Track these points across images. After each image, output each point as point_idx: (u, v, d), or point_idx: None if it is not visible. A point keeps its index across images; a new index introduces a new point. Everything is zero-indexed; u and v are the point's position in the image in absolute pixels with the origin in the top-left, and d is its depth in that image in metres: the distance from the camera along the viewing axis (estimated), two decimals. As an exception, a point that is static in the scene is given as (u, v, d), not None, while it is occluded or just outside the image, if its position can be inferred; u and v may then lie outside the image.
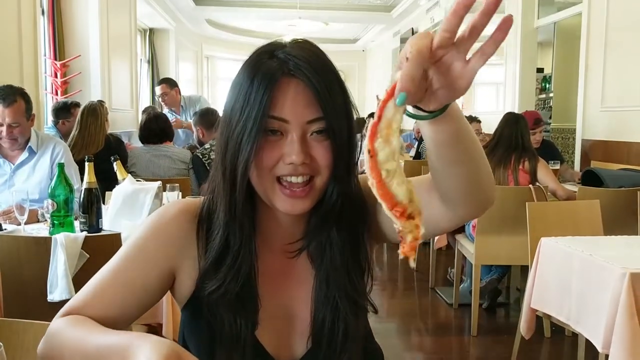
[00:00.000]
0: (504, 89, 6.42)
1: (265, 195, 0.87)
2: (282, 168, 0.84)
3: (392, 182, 0.59)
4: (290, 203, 0.85)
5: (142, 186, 2.37)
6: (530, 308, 2.32)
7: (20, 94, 2.67)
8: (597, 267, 1.95)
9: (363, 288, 0.93)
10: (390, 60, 11.56)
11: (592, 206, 2.73)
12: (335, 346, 0.90)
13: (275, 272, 0.94)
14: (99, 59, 5.74)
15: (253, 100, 0.83)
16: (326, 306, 0.90)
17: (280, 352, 0.92)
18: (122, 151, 3.65)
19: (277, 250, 0.94)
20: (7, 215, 2.42)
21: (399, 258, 0.64)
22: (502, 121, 3.55)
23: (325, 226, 0.90)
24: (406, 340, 3.39)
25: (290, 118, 0.83)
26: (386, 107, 0.59)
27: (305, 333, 0.92)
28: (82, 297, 0.89)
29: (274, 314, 0.92)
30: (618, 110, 4.26)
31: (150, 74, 8.85)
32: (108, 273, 0.90)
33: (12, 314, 1.93)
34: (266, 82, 0.82)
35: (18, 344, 1.09)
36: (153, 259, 0.90)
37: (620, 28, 4.24)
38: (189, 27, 10.59)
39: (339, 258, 0.90)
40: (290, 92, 0.83)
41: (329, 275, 0.91)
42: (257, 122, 0.82)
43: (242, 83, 0.85)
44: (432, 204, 0.85)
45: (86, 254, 1.97)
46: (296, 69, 0.83)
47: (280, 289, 0.94)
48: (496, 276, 3.68)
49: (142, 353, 0.70)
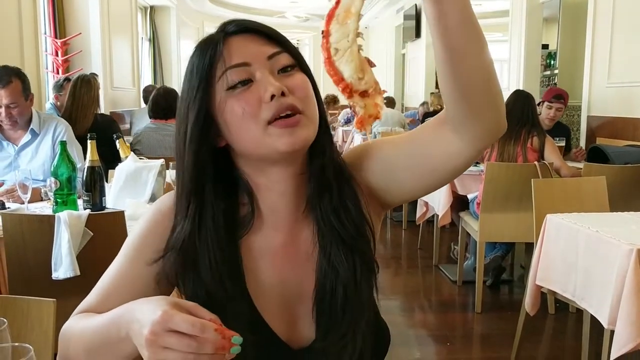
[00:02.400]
0: (509, 66, 6.36)
1: (262, 147, 0.82)
2: (267, 109, 0.80)
3: (340, 60, 0.63)
4: (289, 133, 0.80)
5: (145, 164, 2.36)
6: (535, 285, 2.32)
7: (15, 74, 2.62)
8: (604, 244, 1.94)
9: (369, 248, 0.90)
10: (394, 38, 11.46)
11: (598, 183, 2.71)
12: (336, 310, 0.86)
13: (280, 251, 0.90)
14: (99, 37, 5.70)
15: (196, 67, 0.83)
16: (328, 274, 0.87)
17: (292, 336, 0.89)
18: (115, 129, 3.52)
19: (281, 226, 0.90)
20: (11, 193, 2.42)
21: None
22: (511, 97, 3.52)
23: (325, 170, 0.87)
24: (410, 318, 3.40)
25: (250, 59, 0.82)
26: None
27: (310, 315, 0.88)
28: (91, 298, 0.89)
29: (284, 294, 0.89)
30: (625, 86, 4.21)
31: (151, 52, 8.79)
32: (113, 273, 0.89)
33: (17, 291, 1.94)
34: (207, 45, 0.84)
35: (22, 321, 1.09)
36: (149, 255, 0.88)
37: (628, 2, 4.17)
38: (190, 4, 10.48)
39: (343, 215, 0.87)
40: (239, 42, 0.83)
41: (331, 242, 0.87)
42: (203, 82, 0.82)
43: (188, 63, 0.86)
44: (443, 137, 0.83)
45: (90, 232, 1.96)
46: (236, 26, 0.85)
47: (286, 268, 0.90)
48: (500, 253, 3.68)
49: (143, 309, 0.69)
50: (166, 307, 0.67)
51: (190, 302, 0.70)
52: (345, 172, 0.90)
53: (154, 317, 0.66)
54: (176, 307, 0.68)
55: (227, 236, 0.87)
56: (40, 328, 1.08)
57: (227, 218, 0.87)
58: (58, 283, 1.90)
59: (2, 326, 0.78)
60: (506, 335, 2.87)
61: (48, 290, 1.79)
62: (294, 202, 0.89)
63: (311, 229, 0.90)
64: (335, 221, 0.87)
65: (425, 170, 0.88)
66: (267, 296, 0.88)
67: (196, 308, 0.69)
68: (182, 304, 0.69)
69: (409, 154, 0.89)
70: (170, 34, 9.27)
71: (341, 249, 0.87)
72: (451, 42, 0.73)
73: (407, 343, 2.98)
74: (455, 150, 0.84)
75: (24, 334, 1.07)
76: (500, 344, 2.92)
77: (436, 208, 3.80)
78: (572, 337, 3.04)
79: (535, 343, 2.98)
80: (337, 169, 0.89)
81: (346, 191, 0.89)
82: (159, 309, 0.66)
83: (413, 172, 0.89)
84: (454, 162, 0.86)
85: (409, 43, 10.36)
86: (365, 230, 0.89)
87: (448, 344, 2.99)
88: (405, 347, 2.93)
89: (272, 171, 0.87)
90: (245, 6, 11.81)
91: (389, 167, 0.90)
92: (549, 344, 3.05)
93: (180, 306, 0.68)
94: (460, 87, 0.77)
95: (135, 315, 0.69)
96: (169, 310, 0.66)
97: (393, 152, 0.90)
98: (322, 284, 0.87)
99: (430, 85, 9.30)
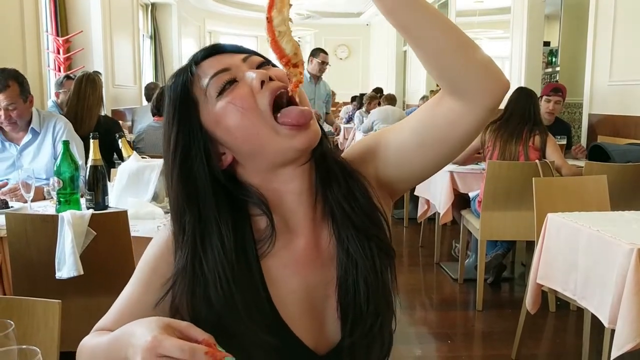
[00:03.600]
0: (510, 63, 6.35)
1: (273, 148, 0.81)
2: (262, 96, 0.81)
3: (282, 40, 0.78)
4: (302, 134, 0.81)
5: (147, 163, 2.37)
6: (536, 283, 2.32)
7: (13, 77, 2.61)
8: (604, 243, 1.95)
9: (384, 234, 0.90)
10: (395, 35, 11.43)
11: (599, 181, 2.71)
12: (360, 304, 0.85)
13: (302, 255, 0.88)
14: (101, 35, 5.71)
15: (171, 94, 0.85)
16: (349, 269, 0.85)
17: (318, 341, 0.87)
18: (118, 130, 3.46)
19: (301, 230, 0.88)
20: (14, 192, 2.42)
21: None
22: (514, 94, 3.52)
23: (329, 166, 0.88)
24: (411, 315, 3.41)
25: (227, 66, 0.84)
26: None
27: (335, 318, 0.86)
28: (107, 318, 0.88)
29: (309, 299, 0.87)
30: (626, 84, 4.21)
31: (152, 49, 8.78)
32: (126, 295, 0.88)
33: (21, 290, 1.95)
34: (180, 72, 0.86)
35: (28, 322, 1.10)
36: (162, 280, 0.85)
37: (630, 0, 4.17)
38: (191, 1, 10.47)
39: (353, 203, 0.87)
40: (211, 61, 0.85)
41: (347, 231, 0.86)
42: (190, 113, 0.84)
43: (165, 120, 0.87)
44: (444, 106, 0.83)
45: (93, 232, 1.97)
46: (207, 51, 0.87)
47: (310, 271, 0.88)
48: (501, 251, 3.69)
49: (136, 333, 0.69)
50: (156, 332, 0.67)
51: (183, 322, 0.70)
52: (347, 166, 0.90)
53: (144, 343, 0.66)
54: (168, 329, 0.68)
55: (243, 253, 0.84)
56: (46, 329, 1.09)
57: (239, 234, 0.84)
58: (61, 282, 1.90)
59: (9, 329, 0.78)
60: (507, 333, 2.88)
61: (52, 290, 1.80)
62: (309, 201, 0.88)
63: (329, 225, 0.89)
64: (347, 208, 0.87)
65: (436, 143, 0.86)
66: (293, 304, 0.86)
67: (189, 328, 0.70)
68: (174, 325, 0.70)
69: (416, 132, 0.87)
70: (171, 31, 9.27)
71: (356, 237, 0.86)
72: (397, 21, 0.78)
73: (408, 340, 2.99)
74: (458, 116, 0.82)
75: (30, 334, 1.08)
76: (501, 341, 2.93)
77: (437, 206, 3.81)
78: (572, 335, 3.05)
79: (536, 341, 2.99)
80: (337, 161, 0.90)
81: (351, 183, 0.89)
82: (149, 334, 0.67)
83: (424, 150, 0.88)
84: (462, 127, 0.83)
85: (410, 40, 10.33)
86: (378, 218, 0.90)
87: (449, 342, 3.00)
88: (406, 344, 2.94)
89: (284, 172, 0.85)
90: (247, 3, 11.78)
91: (401, 153, 0.89)
92: (550, 342, 3.05)
93: (173, 328, 0.69)
94: (431, 62, 0.80)
95: (130, 339, 0.70)
96: (159, 335, 0.66)
97: (400, 136, 0.90)
98: (344, 279, 0.86)
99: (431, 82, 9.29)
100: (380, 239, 0.88)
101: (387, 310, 0.88)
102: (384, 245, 0.89)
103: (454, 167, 3.70)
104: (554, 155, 3.37)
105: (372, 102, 7.56)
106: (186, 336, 0.68)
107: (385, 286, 0.88)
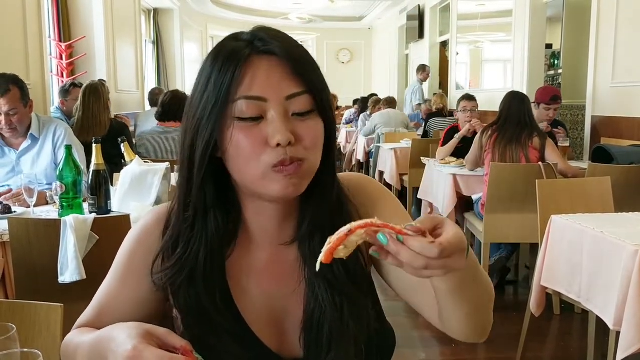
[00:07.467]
0: (512, 66, 6.35)
1: (254, 185, 0.80)
2: (270, 153, 0.76)
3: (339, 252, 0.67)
4: (284, 184, 0.78)
5: (150, 167, 2.36)
6: (540, 286, 2.31)
7: (13, 82, 2.61)
8: (609, 245, 1.94)
9: (361, 297, 0.85)
10: (397, 38, 11.45)
11: (603, 183, 2.70)
12: (322, 343, 0.84)
13: (264, 269, 0.89)
14: (103, 40, 5.72)
15: (214, 83, 0.77)
16: (315, 310, 0.84)
17: (282, 348, 0.88)
18: (127, 135, 3.60)
19: (267, 246, 0.89)
20: (17, 197, 2.43)
21: None
22: (507, 99, 3.52)
23: (320, 212, 0.84)
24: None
25: (267, 95, 0.76)
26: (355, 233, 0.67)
27: (297, 331, 0.87)
28: (87, 314, 0.91)
29: (270, 308, 0.88)
30: (629, 85, 4.20)
31: (155, 55, 8.81)
32: (105, 290, 0.91)
33: (23, 295, 1.95)
34: (230, 61, 0.77)
35: (30, 326, 1.10)
36: (139, 274, 0.88)
37: (632, 2, 4.16)
38: (193, 6, 10.51)
39: (338, 268, 0.83)
40: (262, 68, 0.77)
41: (319, 282, 0.84)
42: (218, 104, 0.76)
43: (205, 68, 0.80)
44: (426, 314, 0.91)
45: (96, 236, 1.97)
46: (265, 44, 0.78)
47: (272, 284, 0.88)
48: (505, 254, 3.68)
49: (117, 339, 0.72)
50: (136, 341, 0.70)
51: (162, 329, 0.73)
52: (344, 212, 0.86)
53: (124, 352, 0.69)
54: (147, 337, 0.71)
55: (219, 250, 0.86)
56: (48, 333, 1.09)
57: (221, 231, 0.85)
58: (64, 287, 1.91)
59: (11, 332, 0.78)
60: (511, 336, 2.87)
61: (54, 294, 1.80)
62: (281, 226, 0.88)
63: (298, 257, 0.87)
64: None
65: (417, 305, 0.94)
66: (255, 309, 0.88)
67: (167, 335, 0.73)
68: (153, 331, 0.72)
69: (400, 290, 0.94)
70: (173, 37, 9.31)
71: (329, 291, 0.83)
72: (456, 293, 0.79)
73: (412, 344, 2.98)
74: (436, 321, 0.90)
75: (32, 338, 1.08)
76: (506, 344, 2.91)
77: (441, 209, 3.80)
78: (577, 338, 3.03)
79: (541, 344, 2.97)
80: (335, 209, 0.86)
81: (339, 217, 0.84)
82: (130, 342, 0.70)
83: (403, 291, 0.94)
84: (425, 315, 0.92)
85: (412, 44, 10.35)
86: (359, 279, 0.85)
87: (453, 345, 2.99)
88: (410, 348, 2.93)
89: (264, 201, 0.85)
90: (249, 8, 11.82)
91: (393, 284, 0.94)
92: (555, 345, 3.04)
93: (152, 335, 0.72)
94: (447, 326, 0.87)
95: (110, 345, 0.73)
96: (139, 345, 0.69)
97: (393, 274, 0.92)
98: (309, 315, 0.85)
99: (433, 85, 9.29)
100: (353, 301, 0.84)
101: (352, 349, 0.84)
102: (358, 306, 0.84)
103: (457, 170, 3.69)
104: (553, 156, 3.37)
105: (377, 106, 7.58)
106: (165, 343, 0.72)
107: (349, 334, 0.83)
